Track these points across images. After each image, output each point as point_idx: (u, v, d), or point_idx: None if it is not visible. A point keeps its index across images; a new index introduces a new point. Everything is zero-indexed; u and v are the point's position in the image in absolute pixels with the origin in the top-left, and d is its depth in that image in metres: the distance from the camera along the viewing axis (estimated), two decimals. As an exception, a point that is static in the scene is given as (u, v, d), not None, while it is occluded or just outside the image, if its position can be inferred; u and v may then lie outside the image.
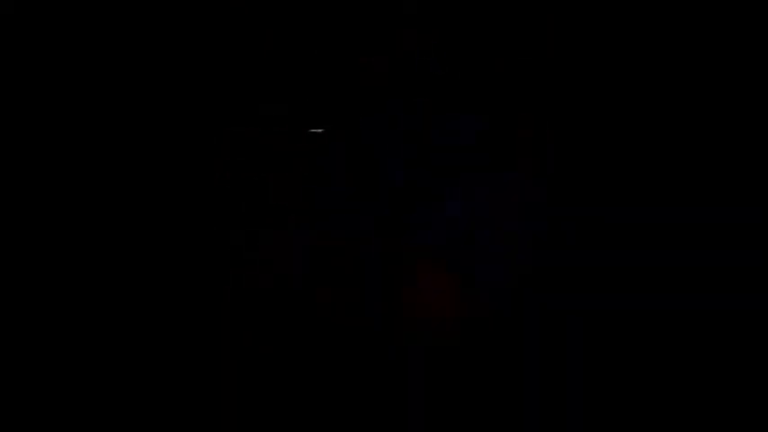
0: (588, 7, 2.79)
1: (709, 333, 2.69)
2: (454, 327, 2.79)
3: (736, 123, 2.73)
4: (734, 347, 2.67)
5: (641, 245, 2.72)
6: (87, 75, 2.82)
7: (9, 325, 2.75)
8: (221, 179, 2.82)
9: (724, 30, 2.74)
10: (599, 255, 2.73)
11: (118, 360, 2.76)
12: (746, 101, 2.73)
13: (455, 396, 2.74)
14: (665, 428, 2.65)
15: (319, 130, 2.29)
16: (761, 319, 2.67)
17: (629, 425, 2.67)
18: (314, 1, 2.85)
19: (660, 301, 2.70)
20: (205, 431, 2.75)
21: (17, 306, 2.76)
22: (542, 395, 2.71)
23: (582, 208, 2.76)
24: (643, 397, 2.68)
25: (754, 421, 2.63)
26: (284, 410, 2.76)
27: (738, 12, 2.73)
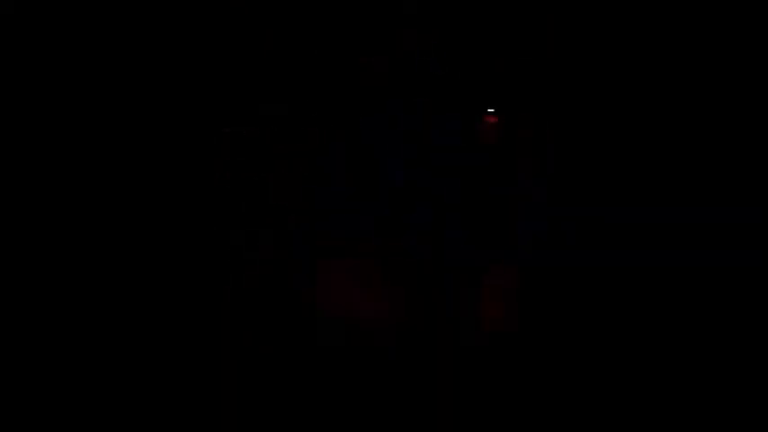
0: (588, 8, 2.79)
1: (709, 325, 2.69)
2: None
3: (734, 124, 2.73)
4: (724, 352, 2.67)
5: (640, 245, 2.72)
6: (87, 75, 2.82)
7: (12, 324, 2.75)
8: (221, 179, 2.82)
9: (723, 31, 2.74)
10: (599, 255, 2.73)
11: (118, 359, 2.76)
12: (744, 102, 2.73)
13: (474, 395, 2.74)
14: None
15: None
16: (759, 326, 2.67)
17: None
18: (314, 1, 2.85)
19: (656, 302, 2.70)
20: (205, 431, 2.75)
21: (20, 305, 2.76)
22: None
23: (582, 208, 2.76)
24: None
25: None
26: (283, 410, 2.76)
27: (736, 13, 2.73)
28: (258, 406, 2.76)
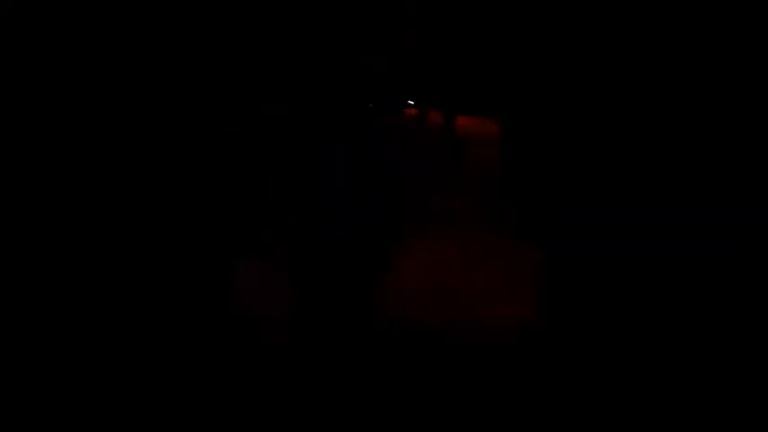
0: (588, 8, 2.79)
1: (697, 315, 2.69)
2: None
3: (731, 125, 2.73)
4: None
5: (639, 242, 2.72)
6: (87, 75, 2.82)
7: (12, 325, 2.75)
8: (221, 179, 2.82)
9: (721, 32, 2.74)
10: (597, 249, 2.73)
11: (118, 360, 2.76)
12: (746, 109, 2.73)
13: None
14: None
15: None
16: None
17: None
18: (314, 1, 2.85)
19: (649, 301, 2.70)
20: (205, 431, 2.75)
21: (19, 307, 2.76)
22: None
23: (579, 205, 2.76)
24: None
25: None
26: (283, 410, 2.76)
27: (733, 14, 2.74)
28: (258, 406, 2.76)
